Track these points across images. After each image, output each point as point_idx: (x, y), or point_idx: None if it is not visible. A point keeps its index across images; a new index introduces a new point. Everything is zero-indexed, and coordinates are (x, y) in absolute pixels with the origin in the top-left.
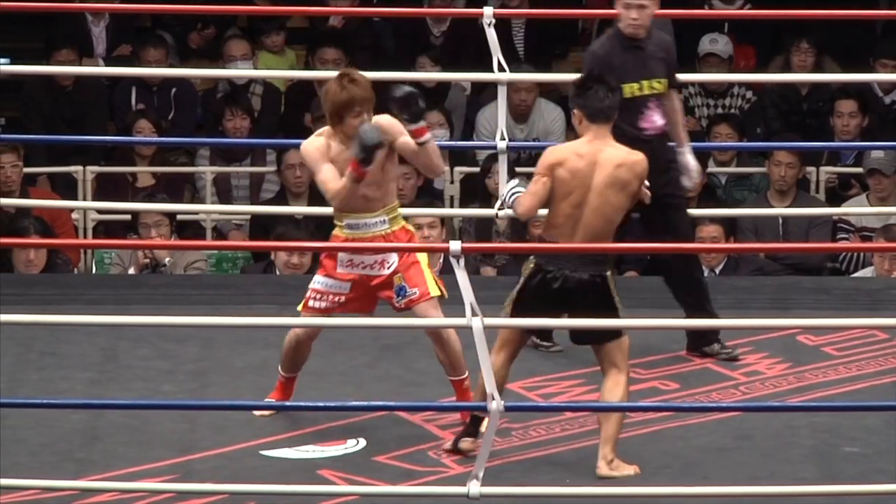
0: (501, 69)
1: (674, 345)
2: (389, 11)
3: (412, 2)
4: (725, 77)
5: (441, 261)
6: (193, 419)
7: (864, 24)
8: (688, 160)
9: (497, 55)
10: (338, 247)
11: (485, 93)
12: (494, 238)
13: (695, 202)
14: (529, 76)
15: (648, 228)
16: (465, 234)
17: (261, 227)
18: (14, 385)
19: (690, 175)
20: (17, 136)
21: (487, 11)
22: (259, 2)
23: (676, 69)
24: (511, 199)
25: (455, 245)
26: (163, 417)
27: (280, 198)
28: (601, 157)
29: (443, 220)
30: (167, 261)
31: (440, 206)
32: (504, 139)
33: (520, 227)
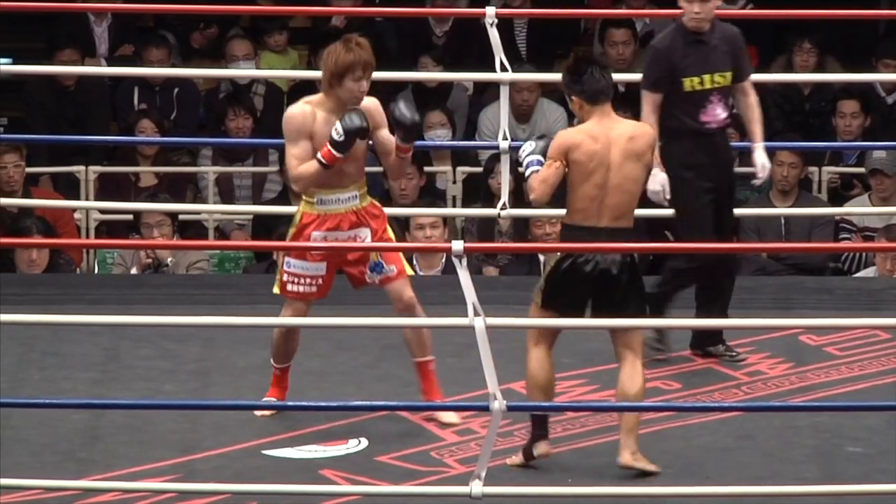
0: (504, 69)
1: (676, 344)
2: (392, 11)
3: (414, 2)
4: None
5: (443, 260)
6: (195, 419)
7: (867, 24)
8: (757, 156)
9: (499, 55)
10: (339, 247)
11: (487, 93)
12: (497, 238)
13: None
14: (531, 76)
15: (694, 222)
16: (468, 234)
17: (263, 227)
18: (16, 385)
19: (757, 171)
20: (20, 136)
21: (490, 11)
22: (261, 2)
23: (747, 62)
24: (527, 173)
25: (457, 245)
26: (164, 417)
27: (282, 197)
28: (613, 134)
29: (445, 220)
30: (169, 261)
31: (442, 206)
32: (506, 139)
33: (522, 227)
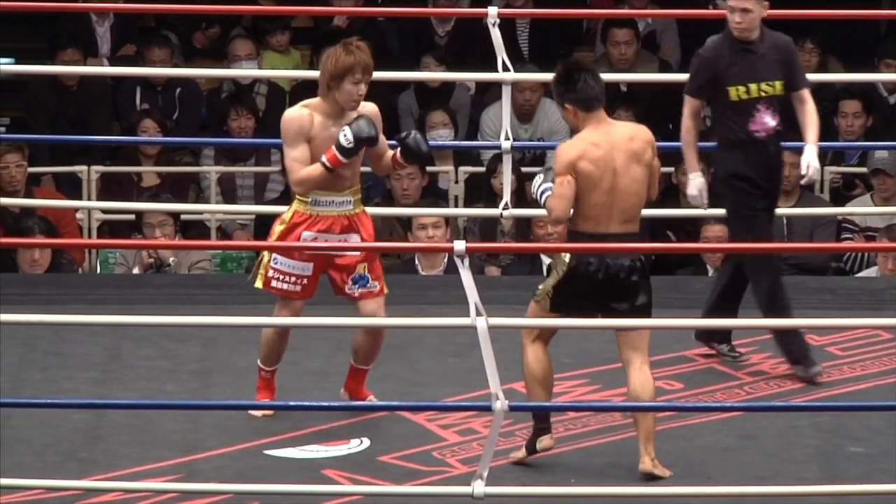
0: (506, 69)
1: (677, 344)
2: (394, 11)
3: (417, 2)
4: None
5: (445, 260)
6: (197, 419)
7: (868, 24)
8: (804, 155)
9: (501, 55)
10: (341, 246)
11: (489, 92)
12: (499, 238)
13: None
14: (534, 76)
15: (750, 230)
16: (470, 234)
17: (265, 227)
18: (17, 385)
19: (801, 169)
20: (22, 136)
21: (492, 11)
22: (264, 2)
23: (800, 71)
24: (543, 200)
25: (459, 245)
26: (166, 417)
27: (284, 197)
28: (613, 138)
29: (447, 220)
30: (171, 260)
31: (445, 206)
32: (508, 139)
33: (524, 228)
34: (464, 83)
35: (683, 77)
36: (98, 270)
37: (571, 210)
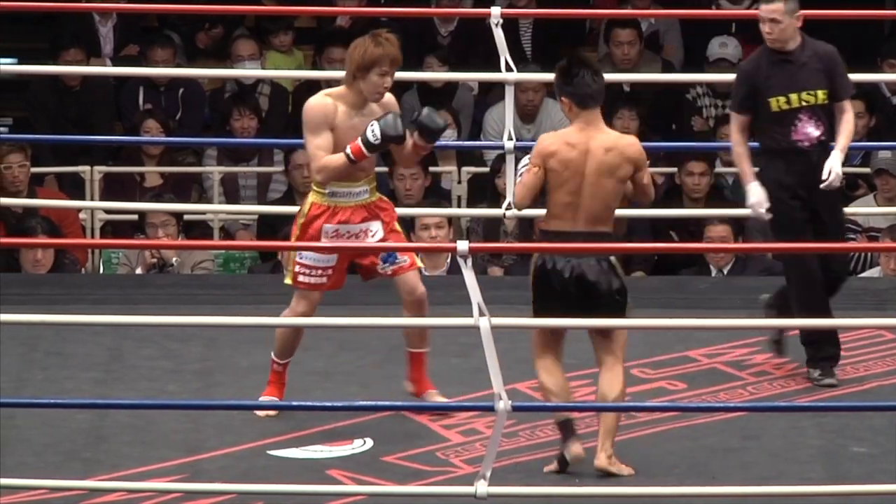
0: (509, 69)
1: (680, 345)
2: (397, 11)
3: (420, 1)
4: (732, 77)
5: (448, 261)
6: (199, 419)
7: (872, 24)
8: (829, 161)
9: (504, 55)
10: (345, 247)
11: (492, 93)
12: (502, 238)
13: (703, 203)
14: (537, 76)
15: (792, 240)
16: (473, 234)
17: (268, 227)
18: (19, 385)
19: (823, 173)
20: (25, 136)
21: (495, 11)
22: (267, 2)
23: (844, 80)
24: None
25: (462, 245)
26: (168, 417)
27: (287, 197)
28: (592, 145)
29: (450, 220)
30: (174, 261)
31: (448, 206)
32: (511, 139)
33: (527, 227)
34: (467, 83)
35: (686, 77)
36: (101, 270)
37: (543, 206)
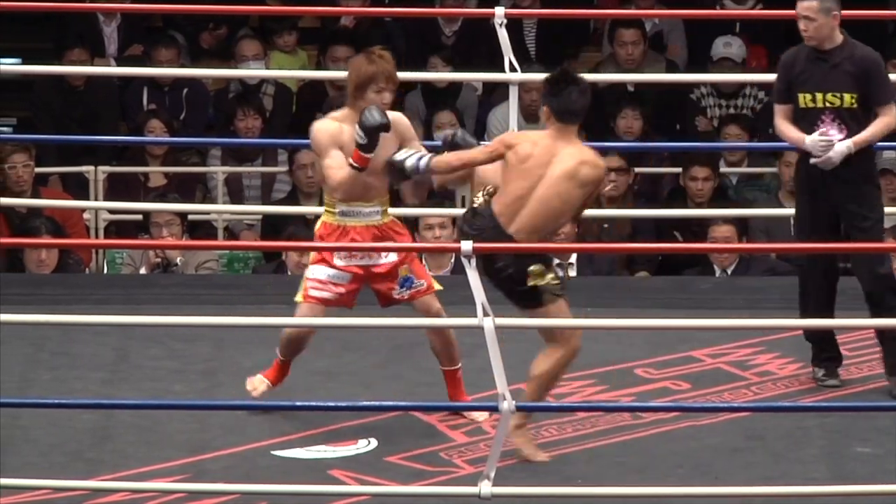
0: (513, 69)
1: (683, 345)
2: (401, 11)
3: (424, 2)
4: (737, 77)
5: (452, 261)
6: (204, 419)
7: (876, 24)
8: (837, 144)
9: (508, 55)
10: (349, 247)
11: (496, 93)
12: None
13: (706, 204)
14: (540, 76)
15: (802, 234)
16: None
17: (272, 227)
18: (25, 385)
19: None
20: (29, 136)
21: (499, 11)
22: (271, 2)
23: (879, 89)
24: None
25: (466, 245)
26: (173, 417)
27: (292, 198)
28: (562, 152)
29: (454, 220)
30: (179, 261)
31: (451, 206)
32: None
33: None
34: (471, 83)
35: (690, 77)
36: (105, 270)
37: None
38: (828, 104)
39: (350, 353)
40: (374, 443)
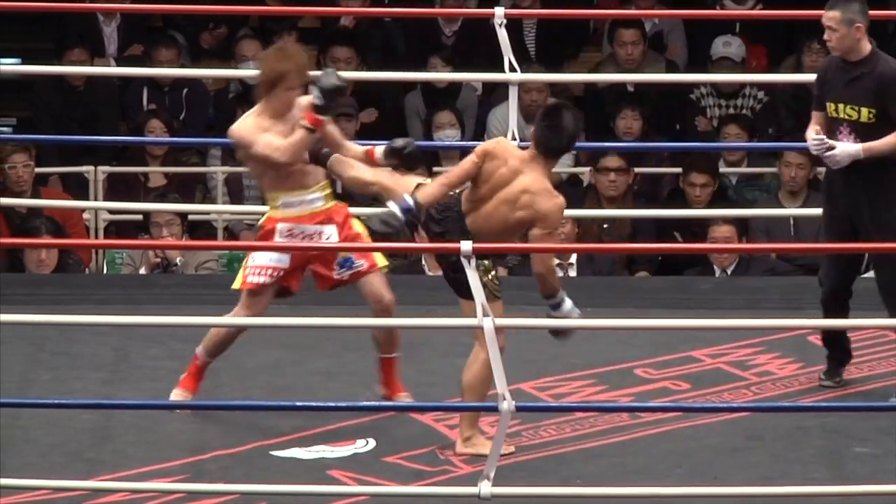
0: (513, 69)
1: (684, 345)
2: (401, 12)
3: (424, 2)
4: (737, 77)
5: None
6: (204, 419)
7: (877, 24)
8: (843, 144)
9: (508, 55)
10: (355, 247)
11: (496, 93)
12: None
13: (705, 201)
14: (540, 76)
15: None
16: None
17: None
18: (25, 385)
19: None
20: (30, 136)
21: (499, 12)
22: (270, 2)
23: None
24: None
25: (466, 245)
26: (173, 418)
27: None
28: (521, 177)
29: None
30: (178, 261)
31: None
32: (515, 139)
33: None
34: (470, 84)
35: (690, 77)
36: (105, 271)
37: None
38: (846, 116)
39: (350, 353)
40: (373, 443)
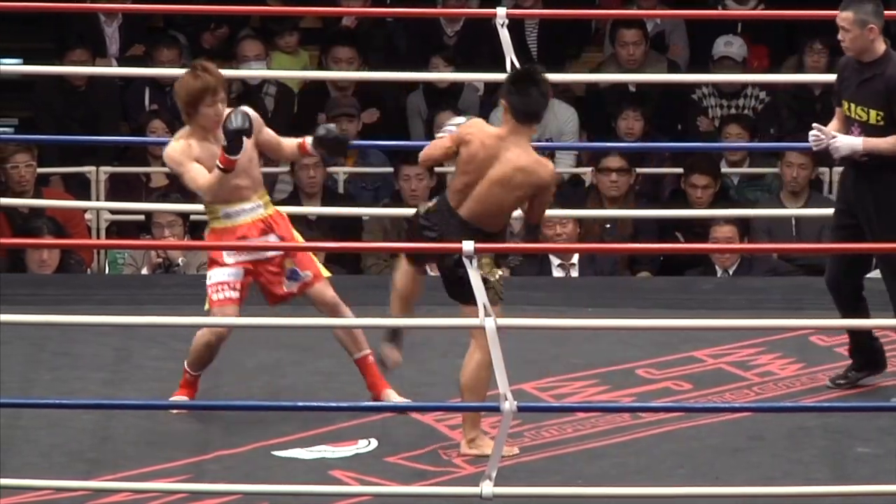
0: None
1: (686, 345)
2: (403, 12)
3: (426, 2)
4: (738, 77)
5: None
6: (205, 420)
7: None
8: (843, 136)
9: (510, 55)
10: (355, 247)
11: (498, 93)
12: (507, 238)
13: (707, 203)
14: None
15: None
16: None
17: None
18: (26, 385)
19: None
20: (31, 137)
21: (501, 12)
22: (272, 2)
23: None
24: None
25: (468, 245)
26: (174, 418)
27: (293, 198)
28: (505, 155)
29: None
30: (180, 261)
31: None
32: None
33: (533, 228)
34: (472, 84)
35: (691, 77)
36: (107, 271)
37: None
38: (857, 117)
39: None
40: (375, 443)
